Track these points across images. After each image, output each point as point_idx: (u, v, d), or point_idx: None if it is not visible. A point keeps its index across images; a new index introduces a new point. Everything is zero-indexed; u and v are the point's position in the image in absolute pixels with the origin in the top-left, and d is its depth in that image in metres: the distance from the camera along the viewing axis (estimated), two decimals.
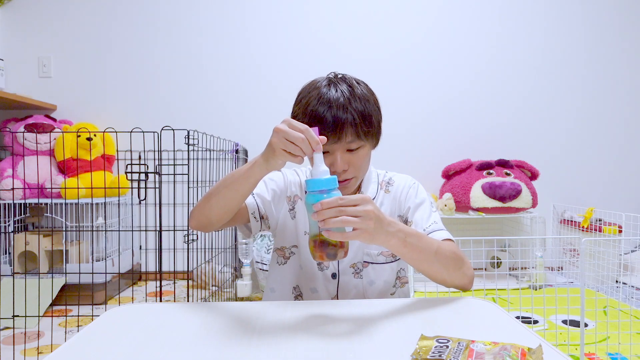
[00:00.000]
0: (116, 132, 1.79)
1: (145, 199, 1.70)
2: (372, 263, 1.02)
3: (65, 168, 2.55)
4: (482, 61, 3.02)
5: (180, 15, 2.92)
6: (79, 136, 2.49)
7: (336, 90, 0.91)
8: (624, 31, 3.07)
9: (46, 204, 2.50)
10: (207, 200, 0.92)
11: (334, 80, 0.94)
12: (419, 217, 1.01)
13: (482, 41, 3.02)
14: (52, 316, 1.91)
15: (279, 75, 2.93)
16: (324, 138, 0.77)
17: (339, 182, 0.90)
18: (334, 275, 1.02)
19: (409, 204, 1.03)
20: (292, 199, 1.06)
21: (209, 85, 2.94)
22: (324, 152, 0.89)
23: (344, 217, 0.71)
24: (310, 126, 0.77)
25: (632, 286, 2.58)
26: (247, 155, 2.88)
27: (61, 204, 2.42)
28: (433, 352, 0.59)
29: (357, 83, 0.95)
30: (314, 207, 0.72)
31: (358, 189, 1.04)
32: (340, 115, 0.88)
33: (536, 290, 2.52)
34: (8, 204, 2.39)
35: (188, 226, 1.79)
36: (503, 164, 2.76)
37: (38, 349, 1.80)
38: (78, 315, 1.84)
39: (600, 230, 2.57)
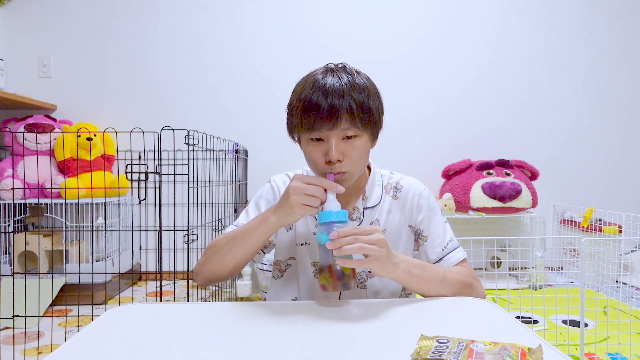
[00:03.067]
0: (116, 132, 1.79)
1: (145, 199, 1.70)
2: None
3: (65, 168, 2.55)
4: (482, 62, 3.02)
5: (180, 15, 2.92)
6: (79, 136, 2.49)
7: (333, 76, 0.87)
8: (623, 32, 3.07)
9: (46, 204, 2.50)
10: (219, 258, 0.91)
11: (332, 68, 0.90)
12: (435, 232, 0.98)
13: (483, 42, 3.02)
14: (52, 316, 1.91)
15: (279, 75, 2.93)
16: (342, 188, 0.82)
17: (332, 174, 0.89)
18: None
19: (422, 215, 0.99)
20: None
21: (209, 85, 2.94)
22: (318, 139, 0.87)
23: (361, 244, 0.74)
24: (305, 113, 0.85)
25: (632, 286, 2.58)
26: (247, 155, 2.88)
27: (61, 204, 2.42)
28: (433, 352, 0.59)
29: (357, 72, 0.90)
30: (331, 236, 0.75)
31: (362, 192, 0.99)
32: (336, 99, 0.83)
33: (536, 290, 2.52)
34: (8, 204, 2.39)
35: (188, 225, 1.79)
36: (503, 164, 2.76)
37: (38, 349, 1.80)
38: (78, 315, 1.84)
39: (600, 230, 2.57)
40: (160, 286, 1.80)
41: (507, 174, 2.70)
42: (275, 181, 1.05)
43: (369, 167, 1.03)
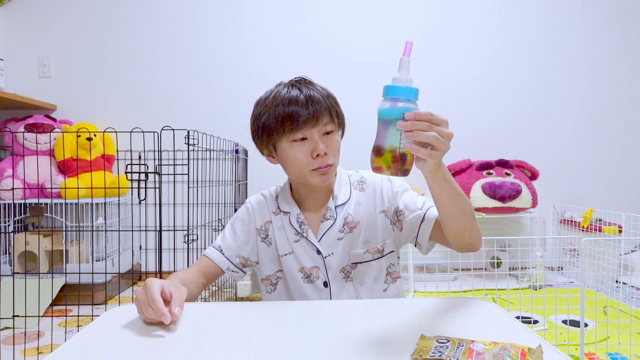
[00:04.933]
0: (116, 132, 1.79)
1: (145, 199, 1.70)
2: (359, 263, 1.02)
3: (65, 168, 2.55)
4: (482, 61, 3.02)
5: (180, 15, 2.92)
6: (79, 136, 2.49)
7: (300, 85, 0.95)
8: (623, 31, 3.07)
9: (46, 204, 2.50)
10: None
11: (297, 80, 0.98)
12: (409, 200, 1.01)
13: (483, 42, 3.02)
14: (52, 316, 1.91)
15: (279, 75, 2.90)
16: (175, 313, 0.73)
17: (321, 168, 0.94)
18: (325, 284, 1.02)
19: (391, 196, 1.03)
20: (262, 227, 1.06)
21: (209, 85, 2.94)
22: (301, 139, 0.93)
23: (435, 134, 0.67)
24: (287, 118, 0.90)
25: (632, 286, 2.58)
26: (247, 155, 2.88)
27: (61, 204, 2.42)
28: (433, 352, 0.59)
29: (317, 84, 0.99)
30: (407, 115, 0.67)
31: (331, 192, 1.03)
32: (315, 101, 0.92)
33: (536, 290, 2.52)
34: (8, 204, 2.39)
35: (188, 225, 1.79)
36: (503, 164, 2.76)
37: (38, 349, 1.80)
38: (78, 315, 1.84)
39: (600, 230, 2.57)
40: None
41: (507, 174, 2.70)
42: (250, 202, 1.09)
43: None
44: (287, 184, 1.08)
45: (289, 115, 0.91)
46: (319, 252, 1.01)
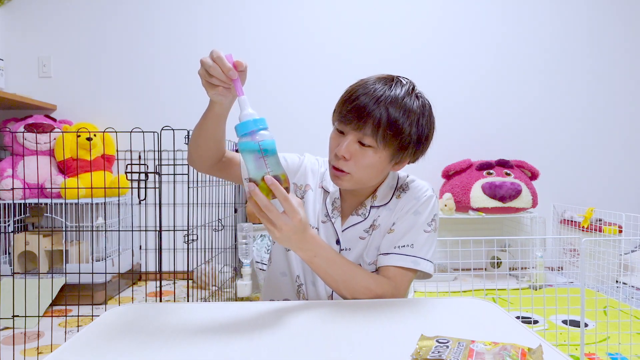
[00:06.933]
0: (116, 132, 1.79)
1: (145, 199, 1.70)
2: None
3: (65, 168, 2.54)
4: (482, 62, 3.02)
5: (180, 15, 2.92)
6: (79, 136, 2.49)
7: (385, 84, 0.88)
8: (623, 32, 3.07)
9: (46, 204, 2.50)
10: (192, 137, 0.97)
11: (389, 78, 0.91)
12: (403, 227, 0.94)
13: (483, 42, 3.02)
14: (52, 316, 1.91)
15: (278, 76, 2.92)
16: (240, 63, 0.76)
17: (334, 168, 0.91)
18: None
19: (404, 213, 0.96)
20: (302, 188, 1.04)
21: None
22: (339, 132, 0.91)
23: (266, 219, 0.74)
24: (342, 105, 0.88)
25: (632, 286, 2.58)
26: None
27: (61, 204, 2.42)
28: (433, 352, 0.59)
29: (413, 92, 0.91)
30: (267, 180, 0.72)
31: (374, 192, 0.99)
32: (371, 106, 0.84)
33: (536, 290, 2.52)
34: (8, 204, 2.39)
35: (188, 225, 1.79)
36: (503, 164, 2.76)
37: (38, 349, 1.80)
38: (78, 315, 1.84)
39: (600, 230, 2.57)
40: (160, 286, 1.80)
41: (507, 174, 2.70)
42: (309, 159, 1.08)
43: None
44: None
45: (345, 102, 0.89)
46: (338, 241, 0.99)
